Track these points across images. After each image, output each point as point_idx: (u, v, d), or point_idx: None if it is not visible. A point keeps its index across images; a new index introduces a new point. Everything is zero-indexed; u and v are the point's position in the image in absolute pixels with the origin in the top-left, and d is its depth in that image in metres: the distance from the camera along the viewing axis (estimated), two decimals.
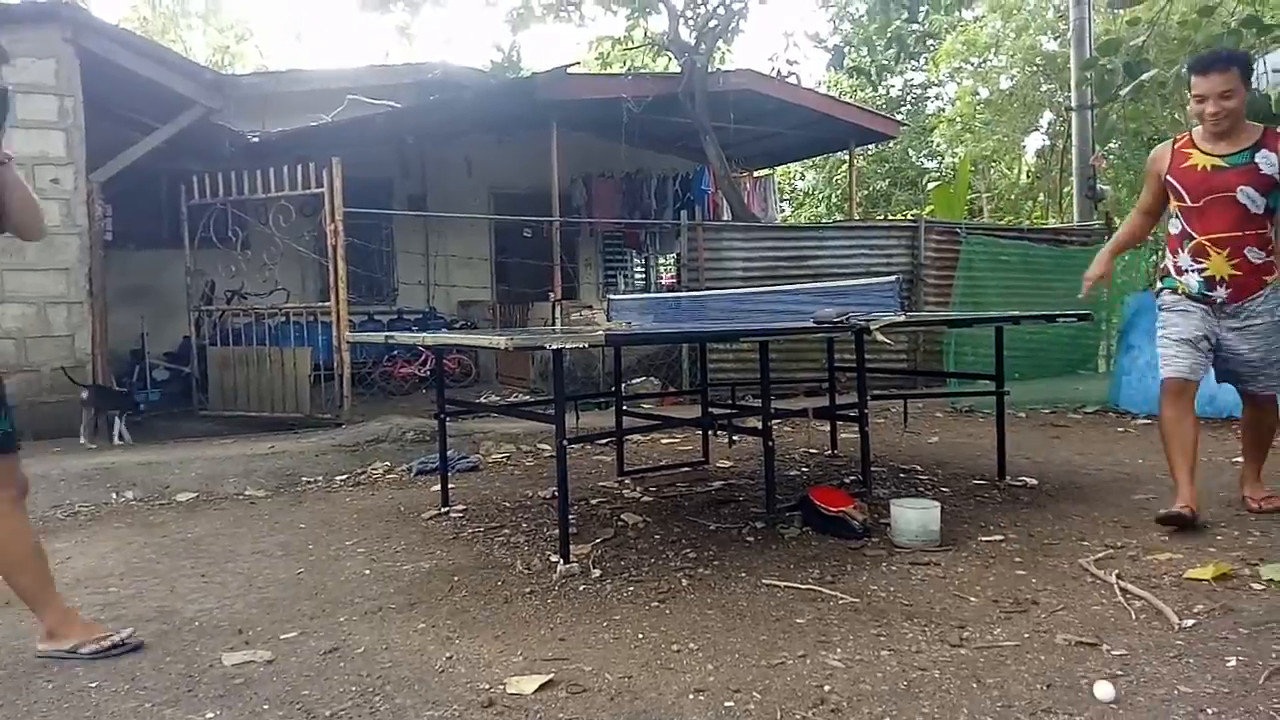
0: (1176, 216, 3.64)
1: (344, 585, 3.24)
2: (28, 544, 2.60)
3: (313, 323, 7.36)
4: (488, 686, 2.31)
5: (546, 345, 2.97)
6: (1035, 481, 4.54)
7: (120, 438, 6.32)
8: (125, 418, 6.45)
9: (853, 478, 4.68)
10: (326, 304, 7.00)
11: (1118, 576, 2.94)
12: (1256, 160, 3.44)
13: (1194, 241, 3.56)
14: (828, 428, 5.76)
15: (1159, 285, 3.80)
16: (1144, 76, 5.58)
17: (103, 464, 5.36)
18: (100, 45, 6.81)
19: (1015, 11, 19.03)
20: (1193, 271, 3.59)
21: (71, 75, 6.70)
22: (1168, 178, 3.62)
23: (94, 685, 2.42)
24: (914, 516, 3.46)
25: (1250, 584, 2.85)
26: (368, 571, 3.40)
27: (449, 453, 4.91)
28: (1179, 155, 3.60)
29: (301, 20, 43.65)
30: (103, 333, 6.82)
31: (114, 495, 4.93)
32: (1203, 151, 3.54)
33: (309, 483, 5.22)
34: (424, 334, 4.29)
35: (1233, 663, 2.27)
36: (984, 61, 20.84)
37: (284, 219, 6.92)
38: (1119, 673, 2.24)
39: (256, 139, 8.65)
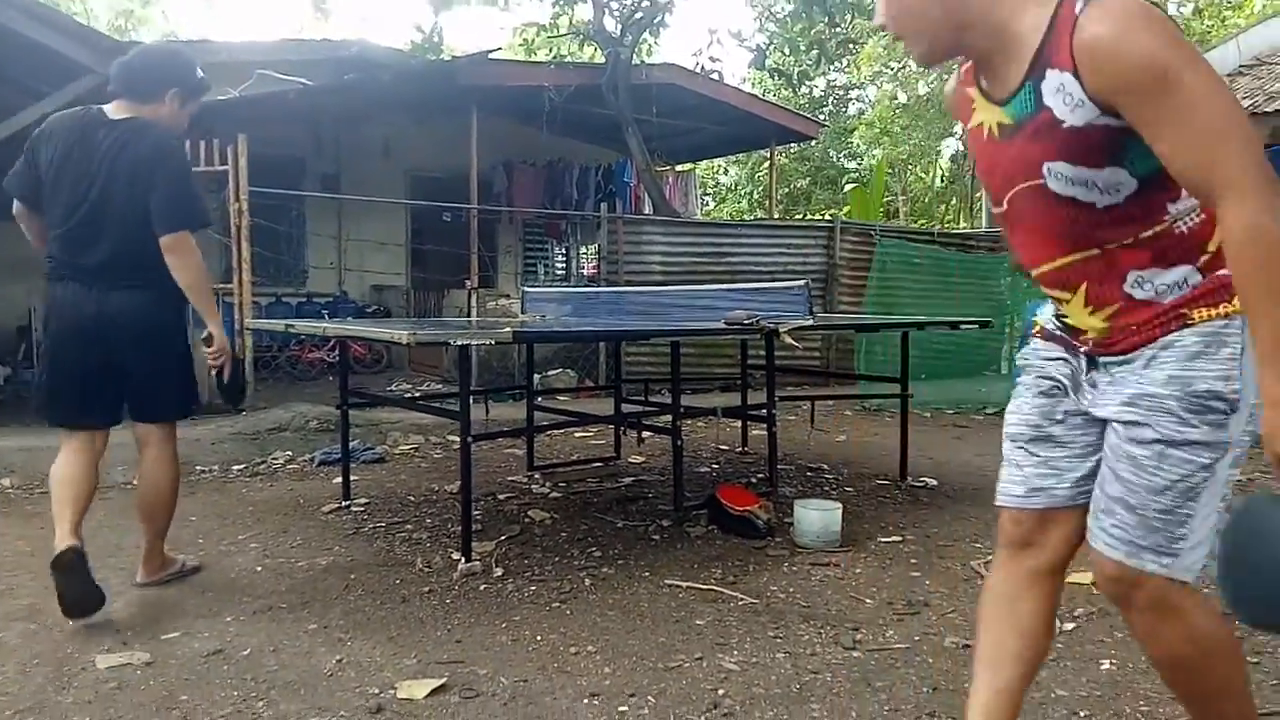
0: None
1: (233, 583, 3.12)
2: (175, 491, 3.13)
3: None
4: (378, 691, 2.25)
5: (452, 341, 2.90)
6: (935, 482, 4.67)
7: None
8: None
9: (760, 476, 4.74)
10: (229, 285, 6.73)
11: None
12: (1046, 100, 1.45)
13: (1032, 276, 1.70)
14: (739, 424, 5.82)
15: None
16: None
17: None
18: None
19: None
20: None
21: None
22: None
23: None
24: (816, 518, 3.51)
25: None
26: (260, 568, 3.29)
27: (354, 443, 4.79)
28: (963, 100, 1.65)
29: None
30: None
31: None
32: (982, 93, 1.59)
33: (203, 472, 5.02)
34: (325, 323, 4.16)
35: (1106, 666, 2.37)
36: (903, 66, 21.36)
37: None
38: None
39: None
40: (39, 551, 3.47)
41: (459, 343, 2.93)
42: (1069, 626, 2.64)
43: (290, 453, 5.41)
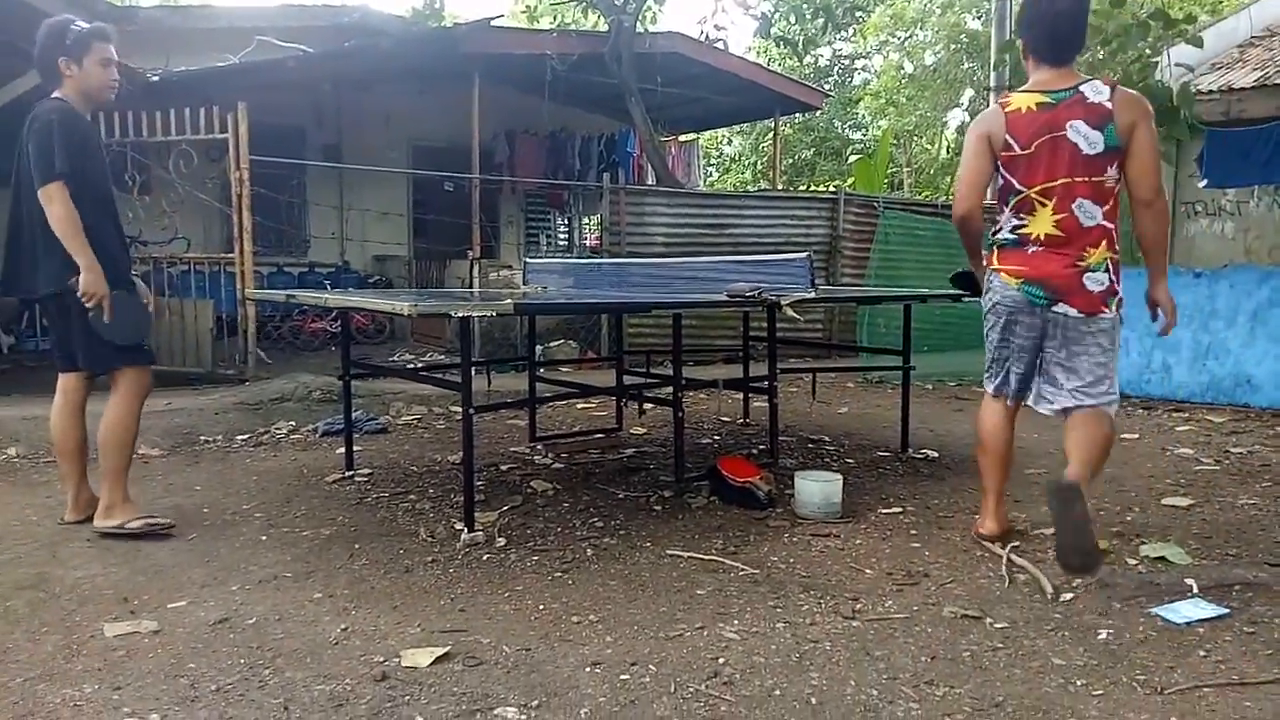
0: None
1: (238, 552, 3.15)
2: (134, 434, 3.37)
3: (216, 273, 7.07)
4: (382, 659, 2.28)
5: (454, 313, 2.90)
6: (936, 454, 4.69)
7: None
8: None
9: (762, 447, 4.75)
10: (230, 255, 6.73)
11: (1006, 549, 3.06)
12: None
13: None
14: (741, 395, 5.84)
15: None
16: None
17: None
18: None
19: None
20: None
21: None
22: None
23: None
24: (817, 489, 3.53)
25: (1126, 559, 3.00)
26: (264, 538, 3.31)
27: (357, 414, 4.81)
28: None
29: None
30: None
31: None
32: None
33: (207, 442, 5.04)
34: (327, 294, 4.15)
35: (1103, 635, 2.39)
36: (910, 36, 21.14)
37: (185, 164, 6.59)
38: (999, 645, 2.34)
39: (157, 77, 8.17)
40: (45, 520, 3.51)
41: (460, 314, 2.93)
42: (1066, 597, 2.66)
43: (293, 423, 5.43)
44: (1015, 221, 2.99)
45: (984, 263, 3.15)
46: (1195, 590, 2.68)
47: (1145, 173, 2.86)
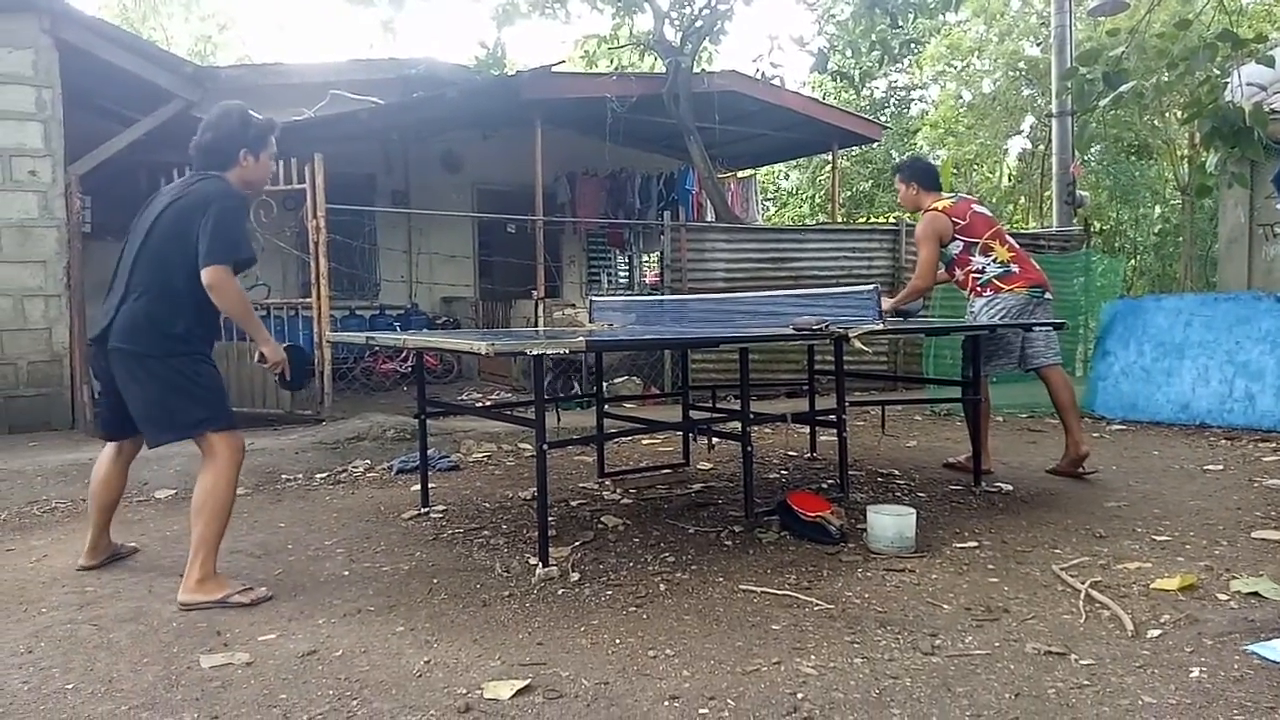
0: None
1: (323, 586, 3.25)
2: (231, 502, 3.21)
3: (294, 317, 7.33)
4: (465, 691, 2.33)
5: (527, 351, 2.98)
6: (1010, 487, 4.60)
7: None
8: None
9: (831, 482, 4.73)
10: (308, 300, 6.98)
11: (1088, 585, 2.99)
12: None
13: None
14: (807, 430, 5.81)
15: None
16: (1123, 88, 5.62)
17: (79, 459, 5.31)
18: (79, 36, 6.73)
19: (998, 17, 19.19)
20: None
21: (50, 66, 6.63)
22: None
23: (70, 687, 2.42)
24: (890, 523, 3.50)
25: (1215, 594, 2.91)
26: (346, 573, 3.41)
27: (429, 451, 4.92)
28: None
29: (285, 11, 43.28)
30: (81, 326, 6.75)
31: None
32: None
33: (288, 481, 5.20)
34: (405, 335, 4.29)
35: (1196, 673, 2.32)
36: (967, 65, 21.00)
37: (265, 214, 6.87)
38: (1086, 683, 2.29)
39: None
40: (140, 556, 3.67)
41: (534, 353, 3.01)
42: (1154, 633, 2.59)
43: (369, 461, 5.58)
44: (987, 259, 4.80)
45: (978, 292, 4.85)
46: None
47: None
